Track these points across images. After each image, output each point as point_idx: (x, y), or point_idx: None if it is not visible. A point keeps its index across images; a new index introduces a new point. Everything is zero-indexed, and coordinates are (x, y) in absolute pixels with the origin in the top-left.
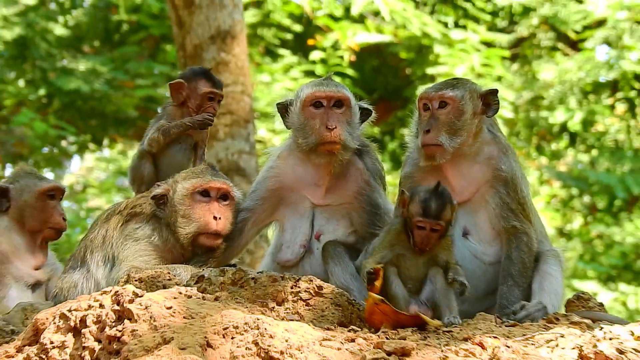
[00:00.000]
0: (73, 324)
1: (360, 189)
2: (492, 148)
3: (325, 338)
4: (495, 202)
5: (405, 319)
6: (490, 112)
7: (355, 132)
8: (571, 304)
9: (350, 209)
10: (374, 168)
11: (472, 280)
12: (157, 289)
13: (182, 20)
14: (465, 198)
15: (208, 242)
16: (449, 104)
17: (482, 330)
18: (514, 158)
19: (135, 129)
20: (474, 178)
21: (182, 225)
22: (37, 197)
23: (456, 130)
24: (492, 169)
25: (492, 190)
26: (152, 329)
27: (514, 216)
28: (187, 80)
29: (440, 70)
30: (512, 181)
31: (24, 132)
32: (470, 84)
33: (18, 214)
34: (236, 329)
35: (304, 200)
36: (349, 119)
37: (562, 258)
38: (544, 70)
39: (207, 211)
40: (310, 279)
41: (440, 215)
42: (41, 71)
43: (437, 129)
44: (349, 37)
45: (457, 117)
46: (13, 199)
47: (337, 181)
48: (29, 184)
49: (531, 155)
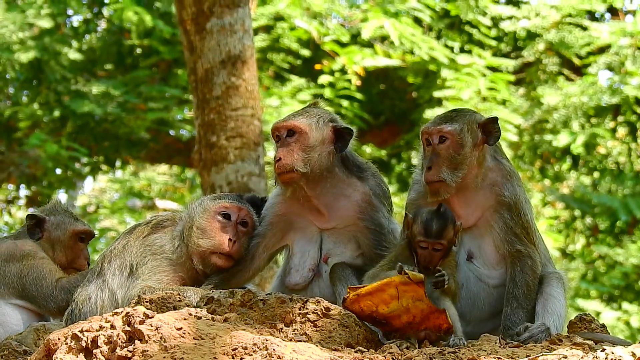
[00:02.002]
0: (84, 344)
1: (362, 210)
2: (496, 174)
3: (332, 359)
4: (500, 226)
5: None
6: (492, 140)
7: (312, 156)
8: (574, 325)
9: (355, 230)
10: (376, 188)
11: (476, 303)
12: (167, 310)
13: (194, 45)
14: (471, 224)
15: (219, 261)
16: (448, 138)
17: (486, 351)
18: (517, 183)
19: (147, 151)
20: (478, 204)
21: (195, 234)
22: (70, 236)
23: (457, 164)
24: (496, 194)
25: (496, 215)
26: (162, 350)
27: (518, 240)
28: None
29: (447, 93)
30: (516, 206)
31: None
32: (470, 114)
33: (48, 246)
34: (245, 349)
35: (311, 224)
36: (303, 146)
37: (565, 281)
38: (548, 94)
39: (224, 232)
40: (318, 300)
41: (441, 235)
42: (55, 94)
43: (438, 166)
44: (357, 62)
45: (456, 151)
46: (47, 230)
47: (337, 204)
48: (64, 221)
49: (535, 177)
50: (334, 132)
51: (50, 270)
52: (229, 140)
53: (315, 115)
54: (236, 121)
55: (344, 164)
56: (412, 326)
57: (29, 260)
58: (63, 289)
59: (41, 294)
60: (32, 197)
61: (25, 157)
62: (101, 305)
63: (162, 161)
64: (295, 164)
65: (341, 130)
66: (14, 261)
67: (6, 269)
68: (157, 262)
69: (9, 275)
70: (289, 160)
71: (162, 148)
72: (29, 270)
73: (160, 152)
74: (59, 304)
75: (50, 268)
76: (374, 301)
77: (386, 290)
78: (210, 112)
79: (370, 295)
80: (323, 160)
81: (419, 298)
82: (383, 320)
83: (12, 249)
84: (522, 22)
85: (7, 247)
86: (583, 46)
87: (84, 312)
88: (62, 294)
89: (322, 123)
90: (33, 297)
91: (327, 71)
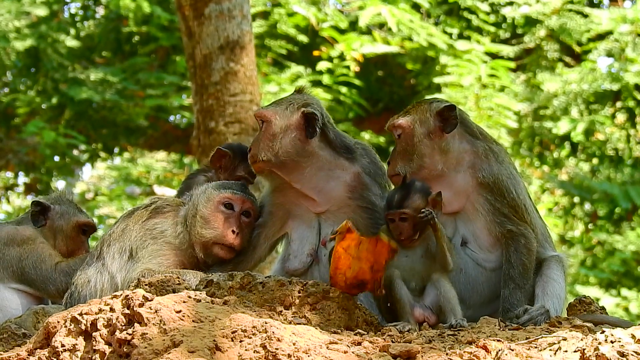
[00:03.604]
0: (84, 327)
1: (352, 189)
2: (471, 156)
3: (332, 341)
4: (486, 209)
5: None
6: (449, 127)
7: (276, 144)
8: (573, 307)
9: (349, 212)
10: (368, 167)
11: (475, 287)
12: (166, 293)
13: (192, 30)
14: (456, 208)
15: (221, 252)
16: (401, 132)
17: (486, 334)
18: (497, 160)
19: (146, 138)
20: (459, 188)
21: (198, 224)
22: (73, 227)
23: (410, 155)
24: (474, 177)
25: (480, 197)
26: (161, 333)
27: (507, 220)
28: (232, 153)
29: (447, 79)
30: (496, 185)
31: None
32: (426, 104)
33: (50, 235)
34: (244, 332)
35: (308, 210)
36: (268, 134)
37: (565, 263)
38: (548, 81)
39: (228, 223)
40: (317, 283)
41: (403, 204)
42: (53, 81)
43: (394, 160)
44: (355, 49)
45: (408, 143)
46: (50, 218)
47: (326, 186)
48: (69, 211)
49: (534, 164)
50: (304, 117)
51: (50, 254)
52: (228, 126)
53: (287, 102)
54: (235, 107)
55: (331, 146)
56: (377, 268)
57: (29, 245)
58: (62, 272)
59: (40, 276)
60: (30, 185)
61: (23, 145)
62: (100, 289)
63: (160, 148)
64: (259, 153)
65: (308, 115)
66: (14, 245)
67: (6, 253)
68: (158, 246)
69: (9, 259)
70: (254, 150)
71: (160, 135)
72: (29, 254)
73: (158, 139)
74: (59, 287)
75: (50, 252)
76: (342, 270)
77: (342, 257)
78: (209, 98)
79: (337, 268)
80: (290, 146)
81: (359, 242)
82: (360, 283)
83: (12, 234)
84: (522, 9)
85: (7, 231)
86: (583, 33)
87: (83, 295)
88: (62, 276)
89: (291, 110)
90: (32, 281)
91: (325, 58)
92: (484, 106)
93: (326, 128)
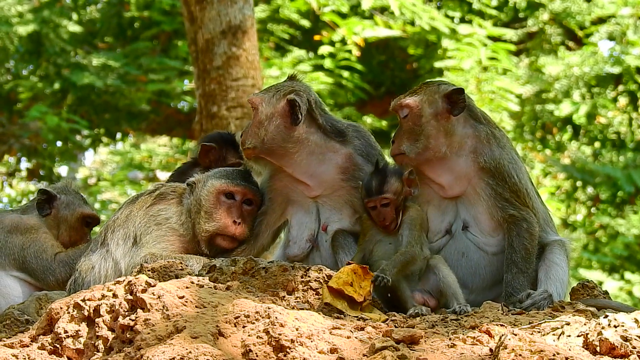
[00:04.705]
0: (87, 313)
1: (345, 171)
2: (473, 140)
3: (335, 327)
4: (488, 193)
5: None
6: (456, 110)
7: (261, 131)
8: (576, 292)
9: (345, 194)
10: (361, 148)
11: (477, 271)
12: (169, 279)
13: (194, 15)
14: (457, 192)
15: (224, 243)
16: (407, 111)
17: (489, 319)
18: (498, 145)
19: (148, 123)
20: (460, 172)
21: (202, 219)
22: (77, 218)
23: (417, 135)
24: (476, 161)
25: (481, 182)
26: (164, 318)
27: (509, 205)
28: (217, 145)
29: (448, 63)
30: (497, 170)
31: (38, 126)
32: (435, 86)
33: (54, 224)
34: (247, 317)
35: (305, 195)
36: (256, 121)
37: (568, 247)
38: (550, 64)
39: (229, 213)
40: (320, 268)
41: (382, 189)
42: (55, 66)
43: (400, 138)
44: (357, 33)
45: (415, 123)
46: (56, 208)
47: (318, 170)
48: (74, 202)
49: (536, 147)
50: (289, 104)
51: (52, 244)
52: (230, 110)
53: (275, 89)
54: (237, 91)
55: (322, 131)
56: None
57: (32, 234)
58: (61, 262)
59: (41, 266)
60: (32, 170)
61: (25, 130)
62: (104, 275)
63: (162, 133)
64: (247, 140)
65: (292, 103)
66: (17, 233)
67: (9, 240)
68: (162, 231)
69: (11, 246)
70: (244, 138)
71: (162, 120)
72: (31, 243)
73: (160, 124)
74: (58, 278)
75: (52, 243)
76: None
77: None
78: (211, 83)
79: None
80: (275, 133)
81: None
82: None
83: (16, 222)
84: None
85: (11, 219)
86: (586, 16)
87: (87, 282)
88: (61, 267)
89: (277, 97)
90: (32, 270)
91: (327, 42)
92: (486, 89)
93: (314, 114)
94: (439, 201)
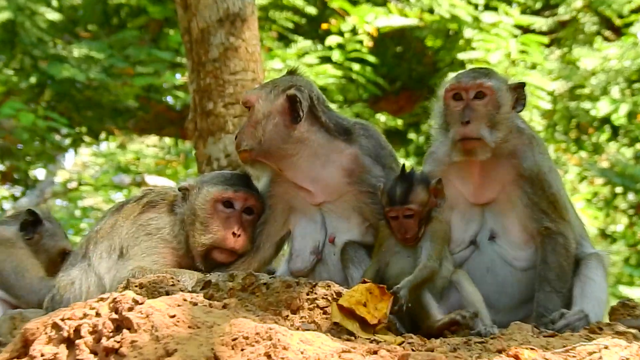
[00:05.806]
0: (66, 334)
1: (351, 173)
2: (517, 140)
3: (344, 350)
4: (524, 202)
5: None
6: (519, 106)
7: (258, 131)
8: (616, 312)
9: (353, 199)
10: (368, 147)
11: (504, 288)
12: (159, 296)
13: (188, 2)
14: (489, 199)
15: (222, 257)
16: (487, 94)
17: (517, 341)
18: (539, 150)
19: (135, 121)
20: (497, 175)
21: (198, 231)
22: (58, 251)
23: (496, 123)
24: (516, 165)
25: (518, 189)
26: (153, 340)
27: (546, 217)
28: None
29: (472, 55)
30: (538, 177)
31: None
32: (500, 75)
33: (33, 250)
34: (246, 339)
35: (308, 203)
36: (252, 121)
37: (605, 262)
38: (585, 57)
39: (228, 224)
40: (328, 284)
41: (407, 199)
42: (31, 58)
43: (478, 121)
44: (369, 22)
45: (496, 110)
46: (39, 234)
47: (321, 174)
48: (58, 233)
49: (570, 149)
50: (289, 100)
51: (33, 263)
52: (227, 107)
53: (273, 84)
54: (235, 86)
55: (325, 129)
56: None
57: (8, 248)
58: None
59: (23, 284)
60: (6, 173)
61: None
62: (86, 291)
63: (152, 132)
64: (243, 141)
65: (292, 98)
66: None
67: None
68: (153, 242)
69: None
70: (239, 139)
71: (152, 117)
72: (8, 257)
73: (149, 122)
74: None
75: (33, 261)
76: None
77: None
78: (207, 77)
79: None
80: (274, 133)
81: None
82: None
83: None
84: None
85: None
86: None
87: (66, 299)
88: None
89: (275, 93)
90: (11, 286)
91: (335, 31)
92: None
93: (316, 110)
94: (465, 207)
